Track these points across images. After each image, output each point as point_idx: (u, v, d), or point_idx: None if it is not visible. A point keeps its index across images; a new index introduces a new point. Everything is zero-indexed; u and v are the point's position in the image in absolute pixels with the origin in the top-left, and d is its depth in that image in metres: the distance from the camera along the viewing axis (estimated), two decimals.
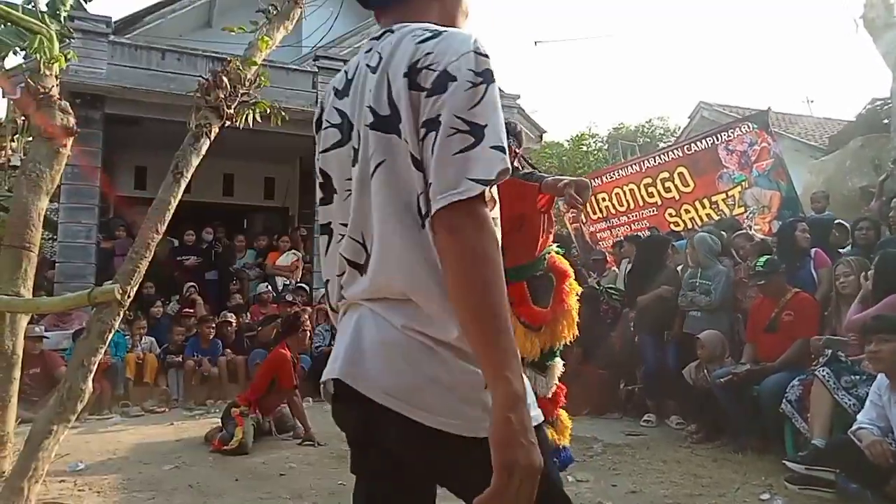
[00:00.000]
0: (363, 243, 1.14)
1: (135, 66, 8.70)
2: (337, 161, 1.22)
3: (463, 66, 1.04)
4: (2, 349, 3.94)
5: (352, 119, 1.18)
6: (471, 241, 1.00)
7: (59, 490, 3.73)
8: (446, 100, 1.03)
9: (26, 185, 4.19)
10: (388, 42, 1.14)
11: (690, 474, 4.02)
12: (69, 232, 8.21)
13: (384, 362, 1.09)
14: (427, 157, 1.05)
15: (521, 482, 0.93)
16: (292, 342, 5.46)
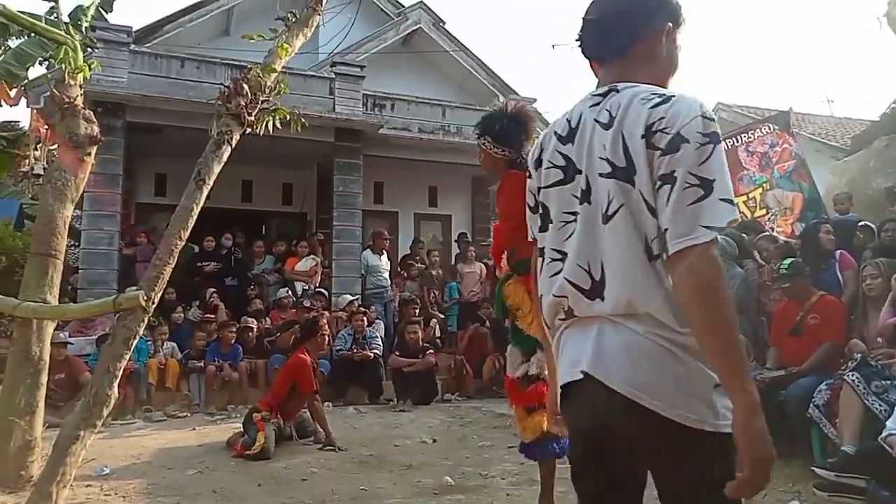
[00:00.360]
0: (589, 270, 1.35)
1: (155, 74, 8.81)
2: (558, 197, 1.44)
3: (693, 129, 1.25)
4: (29, 355, 4.01)
5: (577, 164, 1.40)
6: (705, 277, 1.21)
7: (86, 494, 3.76)
8: (680, 158, 1.24)
9: (52, 193, 4.26)
10: (615, 102, 1.36)
11: None
12: (92, 239, 8.31)
13: (628, 361, 1.29)
14: (661, 206, 1.25)
15: (764, 470, 1.16)
16: (311, 347, 5.48)
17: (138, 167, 10.30)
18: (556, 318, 1.46)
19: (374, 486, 3.99)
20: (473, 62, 12.13)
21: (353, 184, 9.77)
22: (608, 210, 1.31)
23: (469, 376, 8.09)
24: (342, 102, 9.62)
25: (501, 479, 4.07)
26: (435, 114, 10.65)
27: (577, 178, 1.39)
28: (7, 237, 7.86)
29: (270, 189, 11.37)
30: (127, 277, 8.13)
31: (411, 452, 4.93)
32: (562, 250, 1.41)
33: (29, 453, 3.91)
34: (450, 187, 12.36)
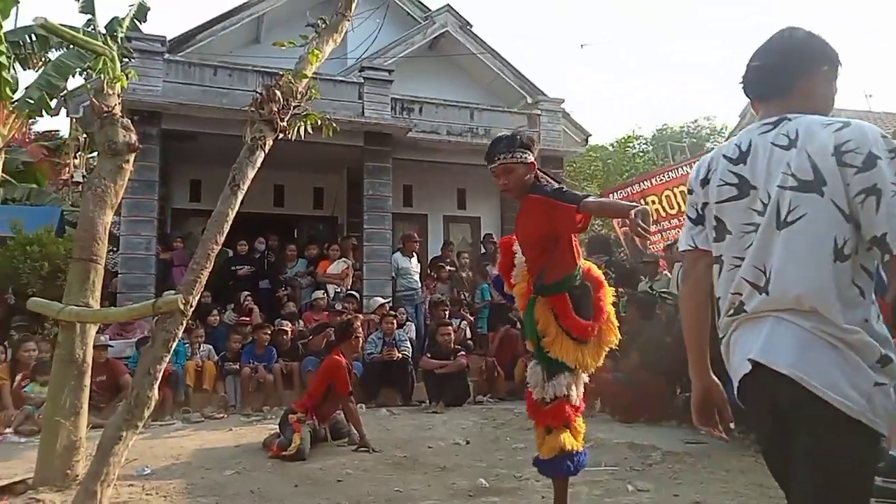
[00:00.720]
0: (763, 269, 1.56)
1: (189, 82, 8.99)
2: (733, 211, 1.65)
3: (882, 148, 1.48)
4: (73, 358, 4.11)
5: (751, 181, 1.62)
6: None
7: (129, 494, 3.85)
8: (877, 173, 1.45)
9: (92, 199, 4.37)
10: (791, 128, 1.58)
11: (756, 484, 3.88)
12: (130, 244, 8.51)
13: (793, 349, 1.48)
14: (869, 214, 1.45)
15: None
16: (345, 349, 5.52)
17: (174, 173, 10.51)
18: (726, 315, 1.67)
19: (409, 487, 4.01)
20: (501, 64, 12.12)
21: (383, 187, 9.83)
22: (787, 217, 1.52)
23: (501, 378, 8.07)
24: (371, 107, 9.69)
25: (536, 481, 4.05)
26: (463, 116, 10.66)
27: (752, 193, 1.61)
28: (49, 243, 8.07)
29: (302, 193, 11.51)
30: (164, 282, 8.31)
31: (445, 454, 4.94)
32: (742, 257, 1.62)
33: (74, 453, 4.02)
34: (478, 189, 12.35)
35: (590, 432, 5.39)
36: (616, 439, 5.19)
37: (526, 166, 2.97)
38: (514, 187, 2.99)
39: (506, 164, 2.96)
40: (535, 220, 2.95)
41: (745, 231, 1.61)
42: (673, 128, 26.95)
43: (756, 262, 1.57)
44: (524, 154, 2.96)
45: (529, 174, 2.99)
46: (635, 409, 5.94)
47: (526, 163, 2.96)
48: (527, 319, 3.11)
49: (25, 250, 7.88)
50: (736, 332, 1.65)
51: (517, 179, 2.97)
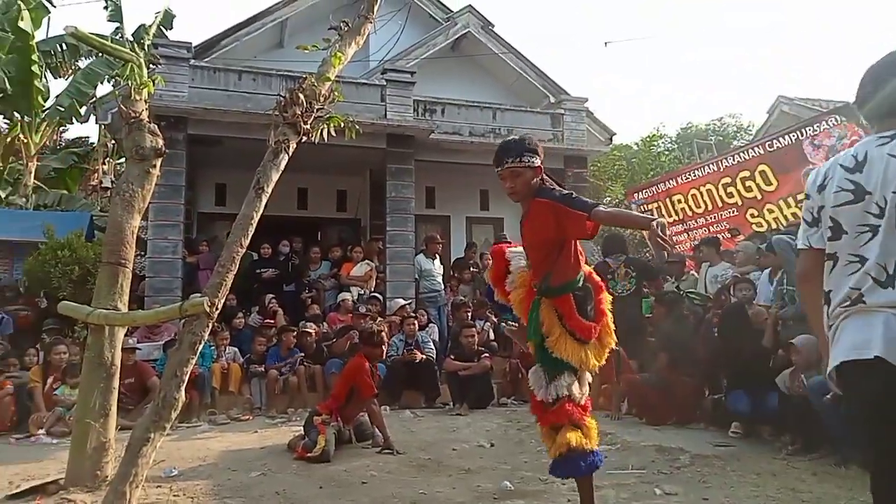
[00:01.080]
0: (885, 266, 1.81)
1: (214, 87, 9.09)
2: (849, 214, 1.89)
3: None
4: (102, 360, 4.17)
5: (866, 188, 1.87)
6: None
7: (157, 495, 3.88)
8: None
9: (120, 204, 4.43)
10: None
11: (788, 488, 3.80)
12: (157, 248, 8.63)
13: None
14: None
15: None
16: (369, 353, 5.52)
17: (200, 178, 10.65)
18: (839, 305, 1.89)
19: (434, 490, 3.99)
20: (523, 63, 12.06)
21: (406, 189, 9.84)
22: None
23: (525, 380, 7.93)
24: (393, 109, 9.71)
25: (562, 484, 4.00)
26: (485, 117, 10.63)
27: (867, 198, 1.85)
28: (80, 248, 8.22)
29: (325, 196, 11.58)
30: (190, 285, 8.41)
31: (469, 456, 4.91)
32: (859, 255, 1.86)
33: (104, 454, 4.07)
34: (501, 190, 12.04)
35: (617, 434, 5.37)
36: (643, 442, 5.12)
37: (533, 170, 2.97)
38: (520, 191, 3.00)
39: (513, 168, 2.97)
40: (542, 224, 2.94)
41: (861, 231, 1.86)
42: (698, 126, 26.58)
43: (879, 259, 1.81)
44: (532, 158, 2.96)
45: (536, 178, 2.99)
46: (663, 410, 5.86)
47: (533, 167, 2.97)
48: (530, 321, 3.08)
49: (56, 255, 8.04)
50: (846, 320, 1.87)
51: (524, 183, 2.98)
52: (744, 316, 5.52)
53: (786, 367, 4.91)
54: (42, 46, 12.55)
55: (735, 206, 8.40)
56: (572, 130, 11.00)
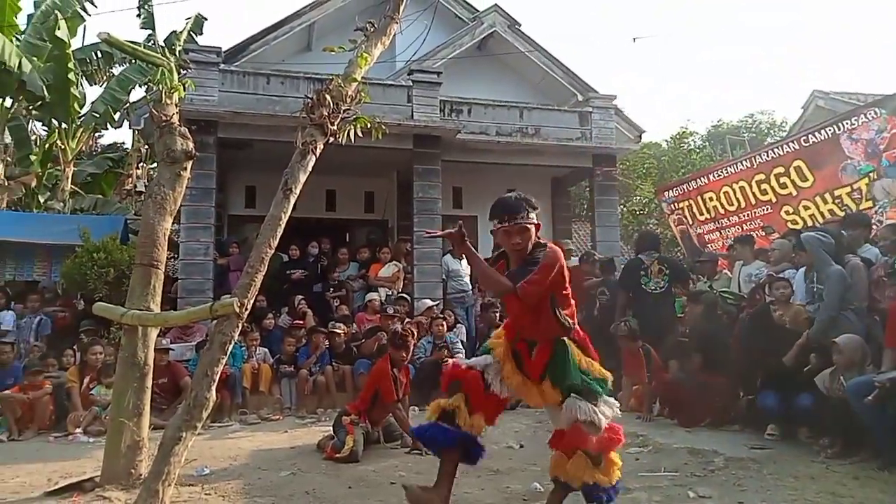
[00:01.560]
0: None
1: (243, 91, 9.21)
2: None
3: None
4: (136, 360, 4.24)
5: None
6: None
7: (189, 493, 3.93)
8: None
9: (153, 207, 4.50)
10: None
11: (828, 493, 3.69)
12: (189, 250, 8.77)
13: None
14: None
15: None
16: (394, 356, 5.52)
17: (229, 180, 10.80)
18: None
19: (462, 490, 3.96)
20: (550, 62, 11.97)
21: (433, 189, 9.84)
22: None
23: None
24: (420, 109, 9.71)
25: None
26: (512, 116, 10.58)
27: None
28: (114, 250, 8.40)
29: (353, 198, 11.65)
30: (221, 286, 8.53)
31: (498, 457, 4.87)
32: None
33: (138, 453, 4.14)
34: (529, 190, 11.97)
35: (649, 436, 5.28)
36: (676, 444, 5.02)
37: (535, 227, 3.14)
38: (525, 247, 3.09)
39: (522, 225, 3.08)
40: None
41: None
42: (729, 123, 26.10)
43: None
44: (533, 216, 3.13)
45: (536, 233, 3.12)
46: (696, 412, 5.74)
47: (536, 224, 3.14)
48: (561, 363, 3.10)
49: (92, 257, 8.21)
50: None
51: (529, 239, 3.10)
52: (770, 316, 5.40)
53: (822, 367, 4.77)
54: (78, 54, 12.86)
55: (769, 203, 8.21)
56: (601, 129, 10.89)
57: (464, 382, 3.17)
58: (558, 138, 10.60)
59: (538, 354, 3.16)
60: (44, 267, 9.54)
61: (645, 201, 17.21)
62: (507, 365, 3.18)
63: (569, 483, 3.13)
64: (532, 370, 3.16)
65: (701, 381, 5.76)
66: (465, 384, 3.17)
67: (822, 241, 5.26)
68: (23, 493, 4.07)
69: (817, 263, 5.24)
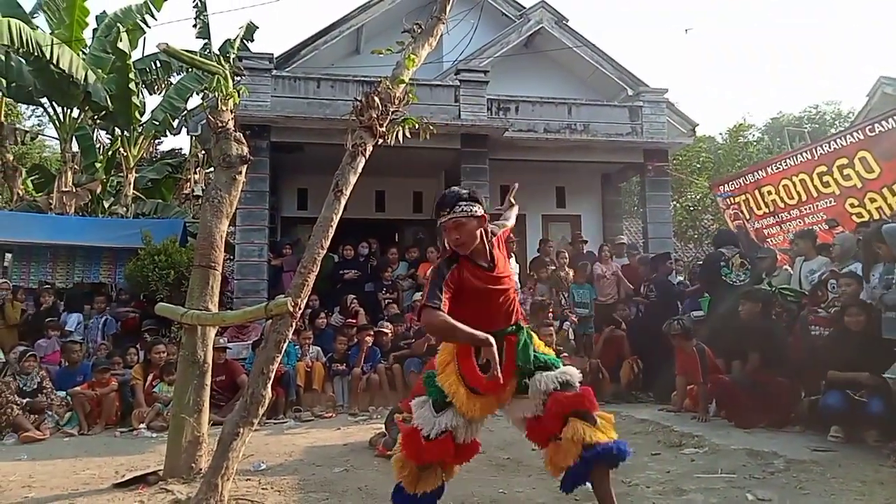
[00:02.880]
0: None
1: (294, 96, 9.41)
2: None
3: None
4: (195, 358, 4.40)
5: None
6: None
7: (247, 488, 4.05)
8: None
9: (210, 210, 4.65)
10: None
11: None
12: (244, 251, 9.02)
13: None
14: None
15: None
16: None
17: (282, 183, 11.06)
18: None
19: (513, 489, 3.96)
20: (599, 57, 11.79)
21: (481, 188, 9.78)
22: None
23: (605, 380, 7.82)
24: (467, 109, 9.73)
25: (646, 486, 3.88)
26: (560, 113, 10.48)
27: None
28: (174, 253, 8.72)
29: (402, 198, 11.76)
30: (275, 286, 8.75)
31: None
32: None
33: (198, 448, 4.29)
34: (578, 187, 12.08)
35: (705, 437, 5.15)
36: (734, 445, 4.88)
37: (477, 220, 2.96)
38: (466, 241, 2.95)
39: (456, 219, 2.93)
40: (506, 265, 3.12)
41: None
42: (789, 115, 25.19)
43: None
44: (472, 207, 2.95)
45: (480, 227, 2.99)
46: (755, 413, 5.55)
47: (476, 216, 2.96)
48: (524, 352, 3.06)
49: (154, 260, 8.55)
50: None
51: (469, 233, 2.94)
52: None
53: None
54: (138, 65, 13.40)
55: (832, 195, 7.88)
56: (652, 123, 10.67)
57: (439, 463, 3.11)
58: (608, 134, 10.44)
59: (507, 349, 3.04)
60: (109, 269, 9.97)
61: (699, 196, 16.77)
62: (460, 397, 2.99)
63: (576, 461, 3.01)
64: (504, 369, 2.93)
65: (759, 381, 5.58)
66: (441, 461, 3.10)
67: (844, 243, 5.04)
68: (93, 484, 4.28)
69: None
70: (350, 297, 8.85)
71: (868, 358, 4.88)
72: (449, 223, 2.94)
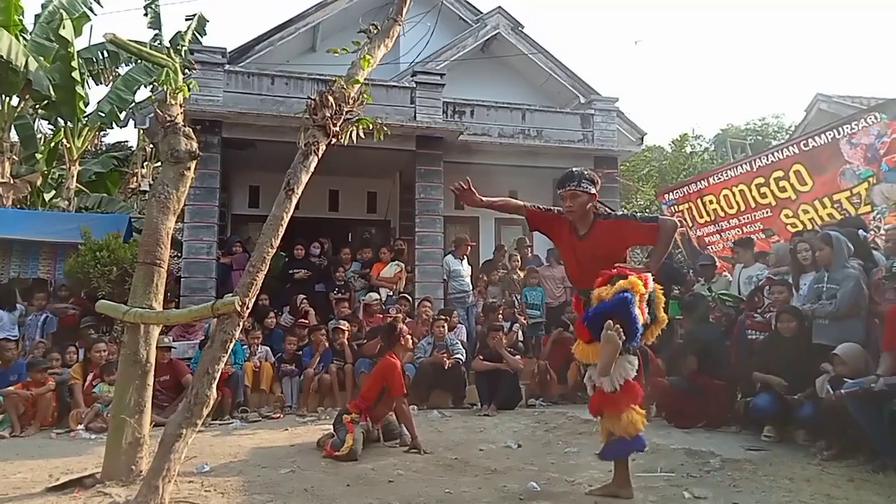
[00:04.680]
0: None
1: (248, 92, 9.27)
2: None
3: None
4: (137, 358, 4.29)
5: None
6: None
7: (189, 490, 3.97)
8: None
9: (156, 206, 4.55)
10: None
11: (823, 494, 3.72)
12: (192, 249, 8.83)
13: None
14: None
15: None
16: (398, 351, 5.57)
17: (234, 180, 10.87)
18: None
19: (460, 489, 4.00)
20: (553, 64, 12.01)
21: (435, 190, 9.88)
22: None
23: (553, 381, 7.98)
24: (423, 111, 9.76)
25: (588, 485, 3.99)
26: (514, 118, 10.62)
27: None
28: (118, 249, 8.45)
29: (356, 198, 11.72)
30: (224, 285, 8.58)
31: (496, 457, 4.91)
32: None
33: (138, 449, 4.18)
34: (531, 191, 12.20)
35: (645, 436, 5.30)
36: (673, 445, 5.05)
37: (589, 196, 3.67)
38: (577, 210, 3.70)
39: (573, 191, 3.67)
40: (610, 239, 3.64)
41: None
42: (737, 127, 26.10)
43: None
44: (588, 186, 3.67)
45: (591, 203, 3.69)
46: (693, 414, 5.77)
47: (589, 193, 3.67)
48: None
49: (96, 256, 8.26)
50: None
51: (581, 205, 3.68)
52: None
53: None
54: (84, 54, 12.94)
55: (769, 206, 8.23)
56: (602, 131, 10.92)
57: None
58: (560, 140, 10.64)
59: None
60: (48, 265, 9.60)
61: (646, 204, 17.23)
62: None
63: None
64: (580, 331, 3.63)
65: (697, 384, 5.78)
66: None
67: (846, 241, 5.29)
68: (24, 488, 4.12)
69: (836, 262, 5.24)
70: (300, 297, 8.77)
71: (799, 361, 5.13)
72: (567, 192, 3.70)
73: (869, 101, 11.32)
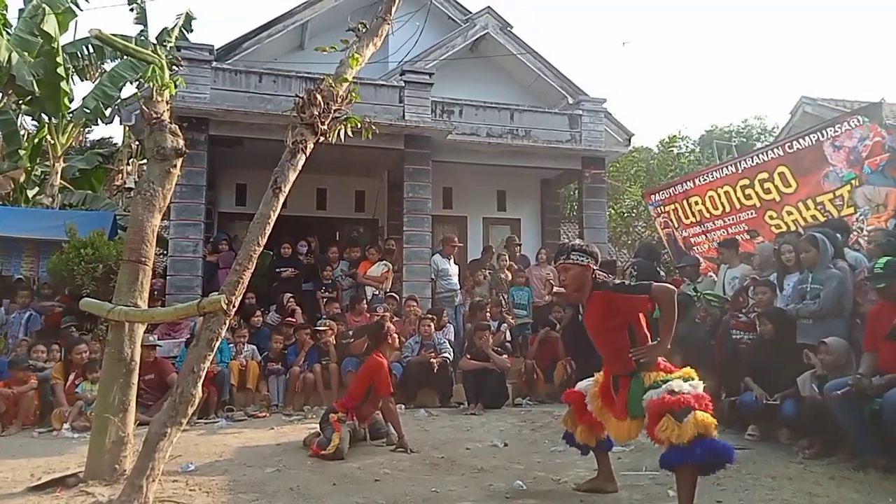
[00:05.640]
0: None
1: (235, 89, 9.21)
2: None
3: None
4: (122, 356, 4.26)
5: None
6: None
7: (173, 489, 3.95)
8: None
9: (142, 203, 4.52)
10: None
11: (805, 492, 3.76)
12: (178, 247, 8.76)
13: None
14: None
15: None
16: (385, 350, 5.57)
17: (220, 178, 10.80)
18: None
19: (446, 488, 4.01)
20: (542, 64, 12.05)
21: (423, 189, 9.88)
22: None
23: (540, 380, 8.01)
24: (411, 110, 9.76)
25: (573, 484, 4.01)
26: (503, 118, 10.64)
27: None
28: (102, 246, 8.36)
29: (344, 197, 11.69)
30: (210, 283, 8.53)
31: (482, 456, 4.92)
32: None
33: (122, 448, 4.15)
34: (518, 191, 12.30)
35: None
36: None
37: (582, 267, 3.53)
38: (568, 284, 3.59)
39: (563, 265, 3.56)
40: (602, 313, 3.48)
41: None
42: (723, 129, 26.31)
43: None
44: (580, 258, 3.52)
45: (586, 273, 3.53)
46: None
47: (581, 265, 3.52)
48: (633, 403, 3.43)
49: (80, 253, 8.18)
50: None
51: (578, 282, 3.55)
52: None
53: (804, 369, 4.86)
54: (69, 49, 12.79)
55: (753, 207, 8.31)
56: (590, 131, 10.97)
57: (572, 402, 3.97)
58: (548, 140, 10.68)
59: (621, 391, 3.49)
60: (31, 262, 9.49)
61: (633, 204, 17.32)
62: (594, 388, 3.74)
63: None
64: (617, 408, 3.51)
65: None
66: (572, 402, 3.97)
67: (825, 244, 5.34)
68: (5, 488, 4.08)
69: (821, 263, 5.30)
70: (287, 296, 8.74)
71: (783, 361, 5.18)
72: (558, 266, 3.64)
73: (853, 104, 11.46)
